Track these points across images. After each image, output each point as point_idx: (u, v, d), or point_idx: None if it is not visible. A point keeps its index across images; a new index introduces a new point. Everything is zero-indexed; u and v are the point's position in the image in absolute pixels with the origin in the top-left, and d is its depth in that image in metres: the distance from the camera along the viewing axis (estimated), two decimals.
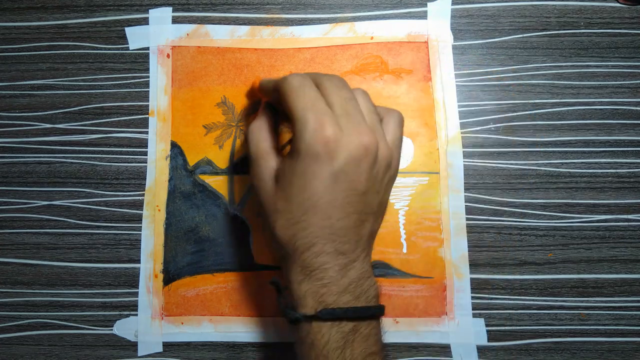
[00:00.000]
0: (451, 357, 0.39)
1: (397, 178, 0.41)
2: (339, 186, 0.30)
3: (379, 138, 0.32)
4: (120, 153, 0.42)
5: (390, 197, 0.41)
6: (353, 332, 0.30)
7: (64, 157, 0.42)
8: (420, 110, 0.42)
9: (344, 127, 0.30)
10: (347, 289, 0.30)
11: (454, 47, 0.43)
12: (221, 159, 0.42)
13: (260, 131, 0.35)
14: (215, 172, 0.42)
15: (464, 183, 0.41)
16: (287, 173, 0.31)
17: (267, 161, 0.33)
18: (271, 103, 0.36)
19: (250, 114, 0.42)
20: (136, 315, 0.40)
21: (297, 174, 0.30)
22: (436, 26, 0.43)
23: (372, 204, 0.32)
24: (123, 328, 0.40)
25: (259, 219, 0.41)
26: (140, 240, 0.41)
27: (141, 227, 0.41)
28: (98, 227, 0.41)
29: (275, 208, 0.32)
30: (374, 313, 0.31)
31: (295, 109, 0.31)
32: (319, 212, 0.30)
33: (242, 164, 0.42)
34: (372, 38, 0.43)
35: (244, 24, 0.44)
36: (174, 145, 0.42)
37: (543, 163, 0.41)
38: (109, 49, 0.44)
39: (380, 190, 0.33)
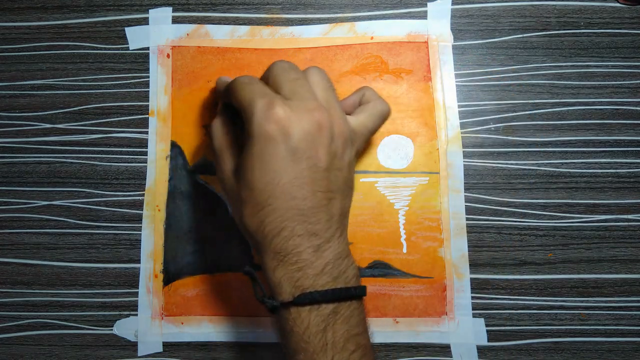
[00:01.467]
0: (451, 357, 0.39)
1: (397, 178, 0.41)
2: (299, 164, 0.30)
3: (334, 114, 0.32)
4: (120, 153, 0.42)
5: (390, 197, 0.41)
6: (333, 314, 0.29)
7: (64, 157, 0.42)
8: (420, 110, 0.42)
9: (293, 106, 0.30)
10: (324, 271, 0.30)
11: (454, 47, 0.43)
12: None
13: (221, 128, 0.35)
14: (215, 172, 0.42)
15: (464, 183, 0.41)
16: (245, 161, 0.31)
17: (227, 157, 0.34)
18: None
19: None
20: (136, 315, 0.40)
21: (254, 159, 0.30)
22: (436, 26, 0.43)
23: (336, 180, 0.32)
24: (123, 328, 0.40)
25: None
26: (140, 240, 0.41)
27: (141, 227, 0.41)
28: (98, 227, 0.41)
29: (240, 199, 0.32)
30: (354, 294, 0.30)
31: (243, 98, 0.31)
32: (282, 193, 0.30)
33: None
34: (372, 38, 0.43)
35: (244, 24, 0.44)
36: (174, 145, 0.42)
37: (543, 163, 0.41)
38: (109, 49, 0.44)
39: (343, 167, 0.32)
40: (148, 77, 0.43)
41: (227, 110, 0.36)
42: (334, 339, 0.29)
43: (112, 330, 0.40)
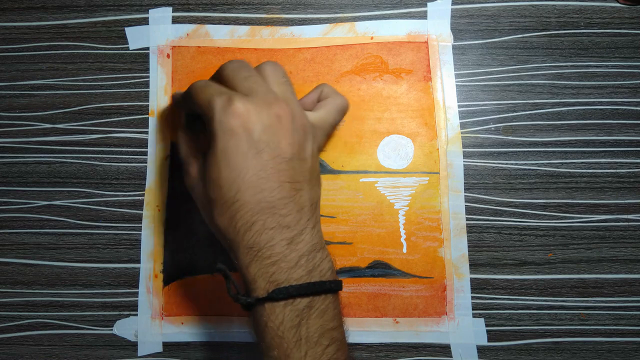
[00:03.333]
0: (451, 357, 0.39)
1: (397, 178, 0.41)
2: (262, 156, 0.30)
3: (292, 106, 0.32)
4: (120, 153, 0.42)
5: (390, 197, 0.41)
6: (308, 308, 0.29)
7: (64, 157, 0.42)
8: (420, 110, 0.42)
9: (252, 100, 0.31)
10: (298, 264, 0.30)
11: (454, 47, 0.43)
12: None
13: (183, 137, 0.35)
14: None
15: (464, 183, 0.41)
16: (210, 159, 0.31)
17: (193, 161, 0.34)
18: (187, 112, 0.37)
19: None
20: (136, 315, 0.40)
21: (219, 156, 0.30)
22: (436, 26, 0.43)
23: (301, 170, 0.32)
24: (123, 328, 0.40)
25: None
26: (140, 240, 0.41)
27: (141, 227, 0.41)
28: (98, 227, 0.41)
29: (208, 199, 0.31)
30: (329, 288, 0.30)
31: (202, 100, 0.31)
32: (250, 186, 0.30)
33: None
34: (372, 38, 0.43)
35: (244, 24, 0.44)
36: (174, 145, 0.42)
37: (543, 163, 0.41)
38: (109, 49, 0.44)
39: (306, 158, 0.32)
40: (148, 77, 0.43)
41: (188, 121, 0.36)
42: (308, 334, 0.29)
43: (112, 330, 0.40)
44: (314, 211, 0.32)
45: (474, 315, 0.40)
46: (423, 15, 0.43)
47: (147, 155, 0.42)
